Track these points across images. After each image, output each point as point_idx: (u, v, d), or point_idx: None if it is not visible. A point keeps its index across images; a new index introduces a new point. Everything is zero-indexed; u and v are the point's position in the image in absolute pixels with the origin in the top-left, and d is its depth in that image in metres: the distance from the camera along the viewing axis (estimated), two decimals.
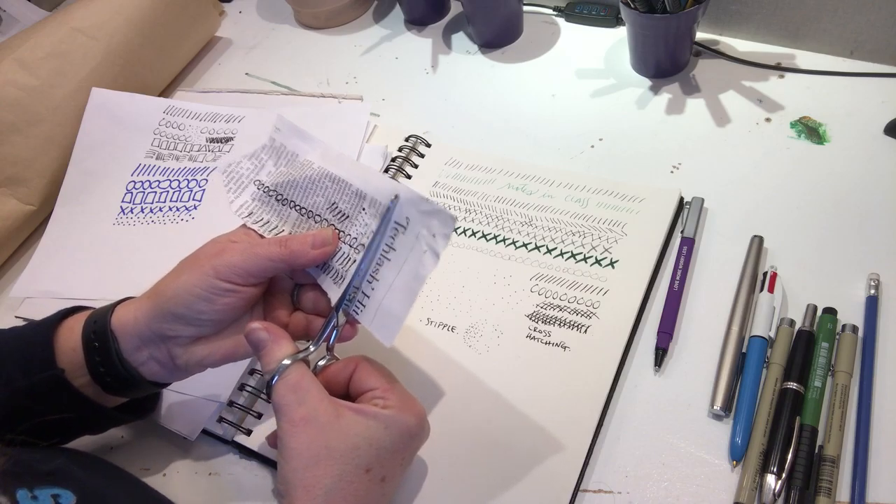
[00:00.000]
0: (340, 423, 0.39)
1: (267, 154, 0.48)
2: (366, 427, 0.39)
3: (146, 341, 0.43)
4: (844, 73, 0.64)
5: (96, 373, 0.43)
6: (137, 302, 0.44)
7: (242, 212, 0.47)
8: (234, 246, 0.43)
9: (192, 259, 0.43)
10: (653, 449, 0.47)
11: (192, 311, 0.42)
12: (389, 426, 0.40)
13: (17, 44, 0.67)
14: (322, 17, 0.82)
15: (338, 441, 0.38)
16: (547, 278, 0.55)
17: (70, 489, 0.37)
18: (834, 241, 0.54)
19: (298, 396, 0.39)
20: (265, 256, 0.42)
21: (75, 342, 0.43)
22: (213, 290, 0.41)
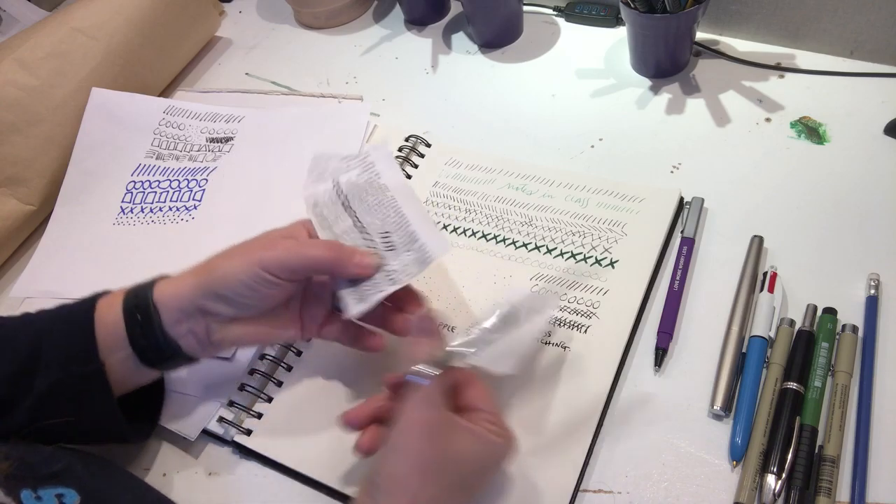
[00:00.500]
0: (455, 437, 0.40)
1: (356, 163, 0.50)
2: (475, 449, 0.40)
3: (187, 315, 0.44)
4: (844, 73, 0.64)
5: (137, 345, 0.44)
6: (181, 278, 0.45)
7: (309, 199, 0.49)
8: (284, 242, 0.45)
9: (244, 246, 0.45)
10: (653, 449, 0.47)
11: (235, 295, 0.44)
12: (494, 454, 0.41)
13: (17, 44, 0.67)
14: (322, 17, 0.82)
15: (450, 455, 0.39)
16: (547, 278, 0.55)
17: (74, 488, 0.37)
18: (834, 241, 0.54)
19: (433, 401, 0.40)
20: (311, 257, 0.45)
21: (115, 316, 0.44)
22: (257, 279, 0.43)
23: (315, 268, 0.46)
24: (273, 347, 0.54)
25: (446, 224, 0.60)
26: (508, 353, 0.43)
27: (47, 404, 0.43)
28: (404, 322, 0.48)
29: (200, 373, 0.54)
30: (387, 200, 0.48)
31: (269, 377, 0.53)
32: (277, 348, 0.54)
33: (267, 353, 0.54)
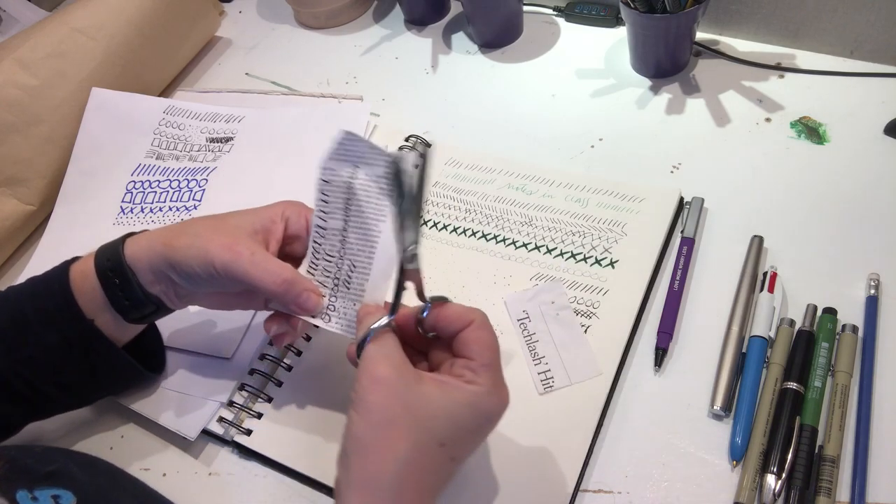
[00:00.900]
0: (422, 387, 0.37)
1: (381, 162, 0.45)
2: (448, 400, 0.37)
3: (158, 278, 0.45)
4: (844, 73, 0.64)
5: (120, 306, 0.45)
6: (149, 242, 0.45)
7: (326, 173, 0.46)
8: (240, 249, 0.43)
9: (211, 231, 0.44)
10: (653, 449, 0.47)
11: (192, 281, 0.44)
12: (472, 405, 0.37)
13: (17, 44, 0.67)
14: (322, 17, 0.82)
15: (417, 405, 0.36)
16: (547, 278, 0.55)
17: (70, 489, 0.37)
18: (834, 241, 0.54)
19: (384, 354, 0.38)
20: (259, 281, 0.43)
21: (92, 283, 0.45)
22: (211, 278, 0.44)
23: (260, 291, 0.44)
24: (273, 347, 0.54)
25: (446, 224, 0.60)
26: None
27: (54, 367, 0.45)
28: None
29: (200, 373, 0.54)
30: (373, 235, 0.45)
31: (269, 377, 0.53)
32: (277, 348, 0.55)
33: (267, 354, 0.54)
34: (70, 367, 0.46)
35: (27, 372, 0.45)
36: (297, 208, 0.47)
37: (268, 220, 0.46)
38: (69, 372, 0.46)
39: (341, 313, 0.45)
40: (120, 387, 0.52)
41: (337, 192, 0.45)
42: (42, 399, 0.47)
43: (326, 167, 0.45)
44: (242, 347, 0.55)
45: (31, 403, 0.47)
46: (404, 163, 0.40)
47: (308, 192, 0.64)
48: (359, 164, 0.45)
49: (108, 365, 0.48)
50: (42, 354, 0.45)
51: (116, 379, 0.50)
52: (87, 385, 0.48)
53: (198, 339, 0.55)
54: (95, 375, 0.48)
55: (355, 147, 0.44)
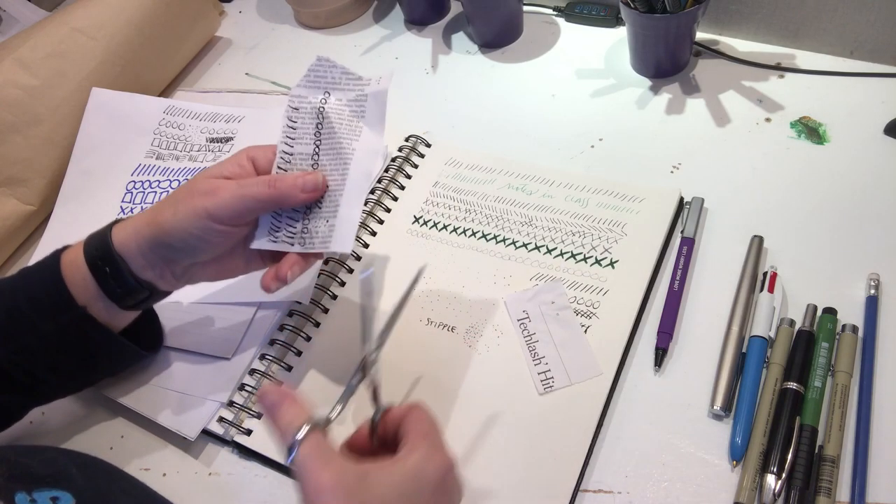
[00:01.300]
0: (368, 482, 0.36)
1: (353, 86, 0.47)
2: (392, 482, 0.36)
3: (149, 262, 0.45)
4: (844, 73, 0.64)
5: (113, 294, 0.45)
6: (135, 226, 0.46)
7: (294, 101, 0.47)
8: (226, 186, 0.44)
9: (187, 193, 0.45)
10: (653, 449, 0.47)
11: (189, 247, 0.45)
12: (417, 478, 0.37)
13: (17, 44, 0.67)
14: (322, 17, 0.82)
15: (368, 499, 0.35)
16: (547, 278, 0.55)
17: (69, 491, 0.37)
18: (834, 241, 0.54)
19: (323, 460, 0.36)
20: (254, 197, 0.44)
21: (83, 273, 0.45)
22: (207, 231, 0.44)
23: (260, 208, 0.45)
24: (273, 347, 0.54)
25: (446, 224, 0.60)
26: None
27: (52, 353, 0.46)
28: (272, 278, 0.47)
29: (200, 373, 0.54)
30: (346, 153, 0.47)
31: (269, 377, 0.53)
32: (277, 348, 0.54)
33: (267, 353, 0.54)
34: (67, 353, 0.46)
35: (25, 360, 0.45)
36: (261, 148, 0.48)
37: (235, 164, 0.46)
38: (66, 358, 0.47)
39: (314, 233, 0.46)
40: (119, 368, 0.53)
41: (306, 118, 0.47)
42: (41, 385, 0.47)
43: (295, 94, 0.46)
44: (242, 347, 0.55)
45: (31, 390, 0.47)
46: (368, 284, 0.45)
47: None
48: (332, 89, 0.46)
49: (104, 350, 0.48)
50: (38, 342, 0.45)
51: (114, 361, 0.51)
52: (85, 369, 0.49)
53: (198, 339, 0.55)
54: (93, 360, 0.48)
55: (328, 73, 0.46)
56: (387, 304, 0.46)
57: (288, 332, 0.55)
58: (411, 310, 0.55)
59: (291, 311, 0.56)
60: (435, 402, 0.50)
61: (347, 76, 0.46)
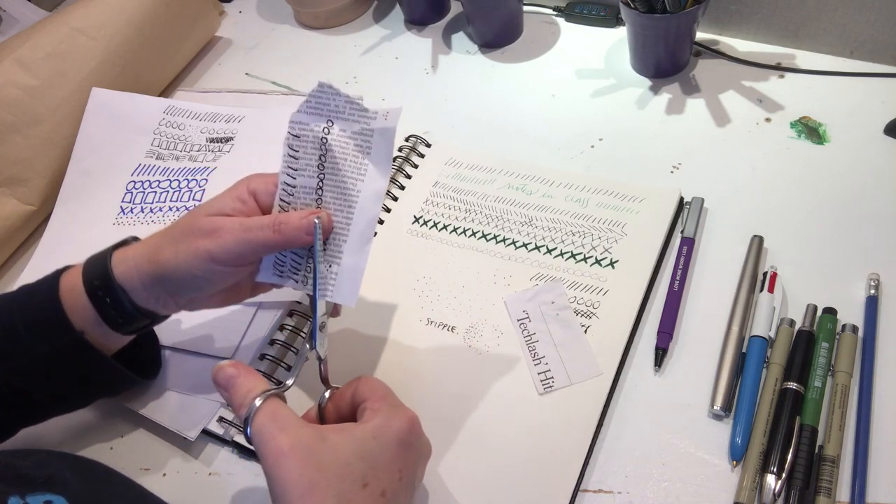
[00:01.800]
0: (327, 443, 0.37)
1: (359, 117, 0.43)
2: (353, 440, 0.38)
3: (152, 294, 0.44)
4: (844, 73, 0.64)
5: (112, 322, 0.45)
6: (135, 261, 0.44)
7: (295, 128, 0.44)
8: (228, 226, 0.42)
9: (188, 233, 0.43)
10: (653, 449, 0.47)
11: (192, 285, 0.44)
12: (378, 435, 0.38)
13: (17, 44, 0.67)
14: (322, 17, 0.82)
15: (329, 461, 0.37)
16: (547, 278, 0.55)
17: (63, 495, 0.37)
18: (834, 241, 0.54)
19: (279, 425, 0.38)
20: (259, 243, 0.42)
21: (82, 300, 0.44)
22: (210, 272, 0.43)
23: (265, 251, 0.44)
24: (273, 347, 0.54)
25: (446, 224, 0.60)
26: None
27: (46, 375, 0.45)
28: None
29: (200, 373, 0.54)
30: (351, 194, 0.43)
31: (269, 377, 0.53)
32: (277, 348, 0.54)
33: (267, 354, 0.54)
34: (61, 376, 0.46)
35: (18, 381, 0.45)
36: (262, 179, 0.46)
37: (236, 199, 0.45)
38: (61, 381, 0.46)
39: (318, 276, 0.44)
40: (114, 392, 0.52)
41: (308, 147, 0.44)
42: (35, 406, 0.47)
43: (296, 121, 0.44)
44: (242, 347, 0.55)
45: (24, 410, 0.47)
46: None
47: None
48: (335, 118, 0.43)
49: (99, 374, 0.47)
50: (33, 364, 0.44)
51: (109, 386, 0.50)
52: (79, 392, 0.48)
53: (198, 339, 0.55)
54: (87, 384, 0.47)
55: (331, 100, 0.42)
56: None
57: (288, 332, 0.55)
58: (411, 310, 0.55)
59: (291, 311, 0.56)
60: (435, 402, 0.50)
61: (352, 106, 0.43)
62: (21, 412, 0.47)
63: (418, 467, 0.41)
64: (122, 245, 0.47)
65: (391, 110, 0.42)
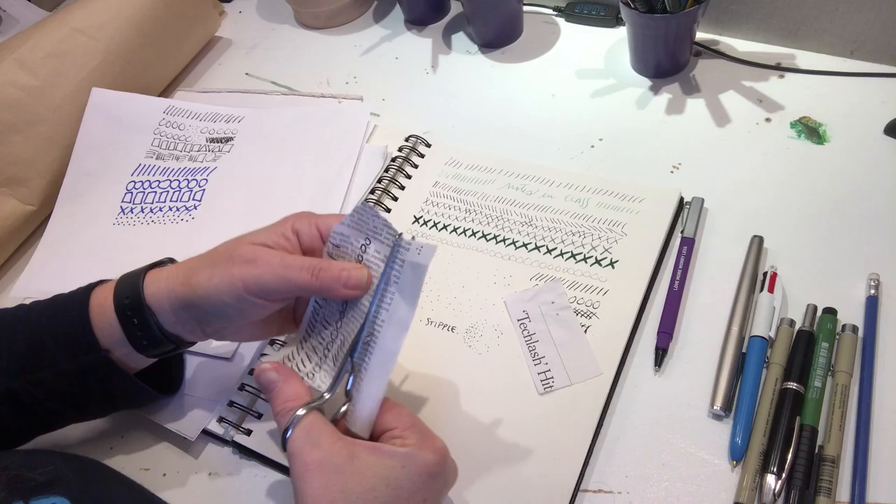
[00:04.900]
0: (356, 464, 0.37)
1: (395, 248, 0.42)
2: (382, 467, 0.37)
3: (180, 319, 0.44)
4: (844, 73, 0.64)
5: (138, 345, 0.44)
6: (168, 284, 0.44)
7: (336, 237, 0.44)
8: (267, 258, 0.42)
9: (227, 258, 0.43)
10: (653, 449, 0.47)
11: (222, 314, 0.43)
12: (407, 465, 0.38)
13: (17, 44, 0.67)
14: (322, 17, 0.82)
15: (354, 483, 0.36)
16: (547, 278, 0.55)
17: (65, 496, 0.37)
18: (834, 241, 0.54)
19: (312, 440, 0.38)
20: (295, 283, 0.41)
21: (109, 318, 0.44)
22: (242, 302, 0.42)
23: (300, 293, 0.43)
24: (273, 347, 0.54)
25: (446, 224, 0.60)
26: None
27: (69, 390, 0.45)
28: None
29: (200, 373, 0.54)
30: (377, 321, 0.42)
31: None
32: (278, 347, 0.54)
33: (267, 353, 0.54)
34: (84, 391, 0.46)
35: (41, 393, 0.45)
36: (307, 219, 0.45)
37: (279, 235, 0.44)
38: (82, 396, 0.46)
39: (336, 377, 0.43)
40: (134, 407, 0.52)
41: (345, 259, 0.44)
42: (54, 417, 0.47)
43: (338, 232, 0.44)
44: (242, 347, 0.55)
45: (43, 420, 0.47)
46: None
47: (307, 191, 0.64)
48: (372, 237, 0.43)
49: (121, 392, 0.47)
50: (56, 379, 0.44)
51: (129, 402, 0.50)
52: (100, 406, 0.48)
53: None
54: (109, 400, 0.47)
55: (370, 220, 0.42)
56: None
57: None
58: None
59: None
60: (435, 402, 0.50)
61: (388, 230, 0.42)
62: (41, 422, 0.47)
63: (442, 495, 0.41)
64: (157, 265, 0.46)
65: (425, 246, 0.40)
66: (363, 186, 0.63)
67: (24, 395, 0.44)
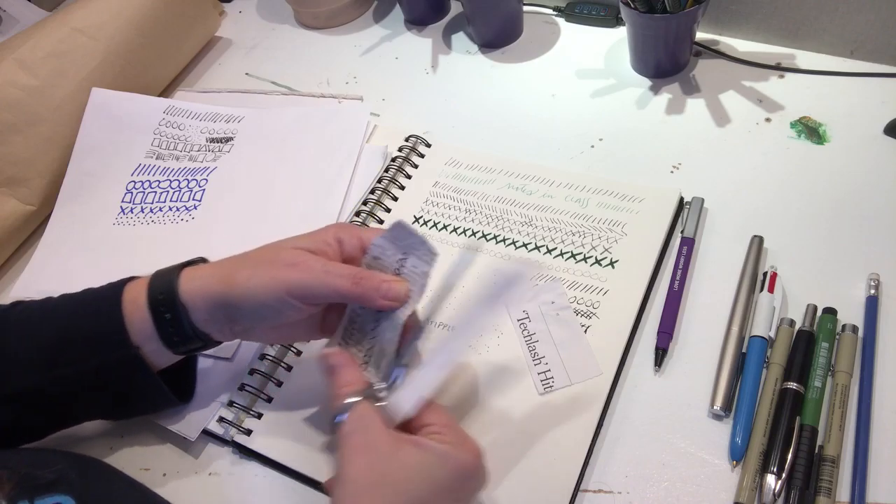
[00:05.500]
0: (399, 454, 0.38)
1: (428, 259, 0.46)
2: (423, 460, 0.38)
3: (213, 317, 0.45)
4: (844, 73, 0.64)
5: (169, 340, 0.45)
6: (204, 280, 0.45)
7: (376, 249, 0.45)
8: (310, 263, 0.43)
9: (269, 260, 0.44)
10: (653, 449, 0.47)
11: (258, 314, 0.44)
12: (445, 463, 0.38)
13: (17, 44, 0.67)
14: (322, 17, 0.82)
15: (394, 470, 0.37)
16: (547, 278, 0.55)
17: (70, 494, 0.37)
18: (834, 241, 0.54)
19: (362, 426, 0.39)
20: (336, 289, 0.43)
21: (142, 314, 0.44)
22: (281, 303, 0.43)
23: (339, 298, 0.44)
24: (273, 347, 0.54)
25: (446, 224, 0.60)
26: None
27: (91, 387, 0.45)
28: None
29: (201, 373, 0.54)
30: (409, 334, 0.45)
31: (269, 377, 0.53)
32: (277, 348, 0.54)
33: (267, 353, 0.54)
34: (105, 390, 0.46)
35: (62, 389, 0.45)
36: (350, 230, 0.46)
37: (322, 241, 0.45)
38: (103, 394, 0.46)
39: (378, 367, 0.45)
40: (148, 411, 0.52)
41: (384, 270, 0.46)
42: (71, 414, 0.48)
43: (378, 244, 0.45)
44: (242, 347, 0.55)
45: (60, 416, 0.48)
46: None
47: (307, 191, 0.64)
48: (410, 253, 0.45)
49: (142, 392, 0.47)
50: (79, 375, 0.45)
51: (147, 405, 0.50)
52: (117, 407, 0.49)
53: None
54: (127, 400, 0.48)
55: (406, 236, 0.45)
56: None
57: None
58: None
59: None
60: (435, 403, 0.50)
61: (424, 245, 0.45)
62: (57, 418, 0.48)
63: (473, 497, 0.42)
64: (191, 264, 0.46)
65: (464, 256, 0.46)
66: (363, 186, 0.63)
67: (46, 391, 0.45)
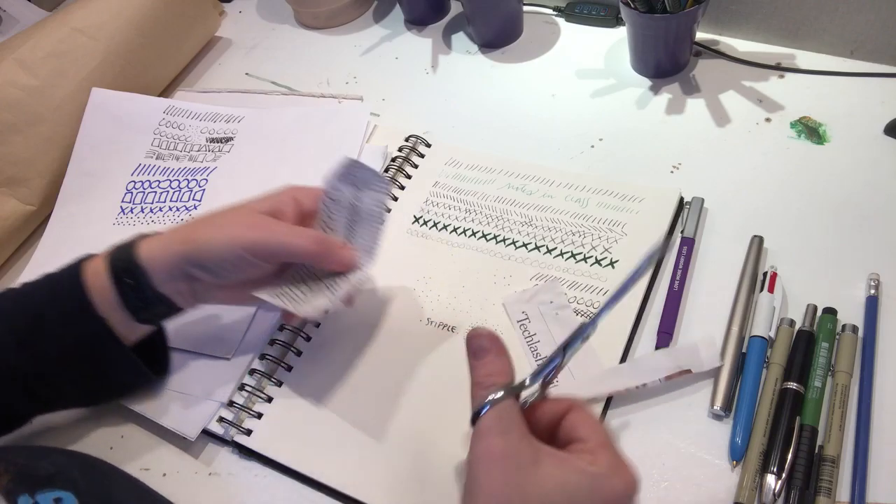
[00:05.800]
0: (539, 469, 0.34)
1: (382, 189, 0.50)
2: (566, 481, 0.34)
3: (173, 277, 0.46)
4: (844, 73, 0.64)
5: (132, 305, 0.46)
6: (165, 240, 0.46)
7: (333, 192, 0.49)
8: (271, 224, 0.46)
9: (231, 217, 0.47)
10: (653, 449, 0.47)
11: (218, 268, 0.46)
12: (594, 489, 0.34)
13: (17, 44, 0.67)
14: (322, 17, 0.82)
15: (532, 487, 0.33)
16: (547, 278, 0.55)
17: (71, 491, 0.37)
18: (834, 241, 0.54)
19: (502, 426, 0.35)
20: (295, 247, 0.45)
21: (104, 282, 0.46)
22: (238, 260, 0.45)
23: (297, 258, 0.47)
24: (273, 347, 0.54)
25: (446, 224, 0.60)
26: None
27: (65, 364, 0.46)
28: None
29: (200, 373, 0.54)
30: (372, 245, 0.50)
31: (269, 377, 0.53)
32: (277, 348, 0.54)
33: (267, 353, 0.54)
34: (81, 366, 0.47)
35: (41, 367, 0.46)
36: (305, 190, 0.49)
37: (280, 202, 0.48)
38: (79, 371, 0.47)
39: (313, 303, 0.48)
40: (126, 389, 0.52)
41: (341, 210, 0.49)
42: (52, 394, 0.48)
43: (333, 188, 0.49)
44: (242, 347, 0.55)
45: (42, 398, 0.48)
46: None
47: None
48: (361, 186, 0.49)
49: (116, 364, 0.48)
50: (56, 351, 0.46)
51: (123, 379, 0.50)
52: (95, 382, 0.49)
53: (198, 339, 0.55)
54: (105, 374, 0.48)
55: (358, 172, 0.49)
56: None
57: (288, 333, 0.55)
58: (411, 309, 0.55)
59: None
60: (435, 403, 0.50)
61: (377, 178, 0.50)
62: (40, 400, 0.48)
63: None
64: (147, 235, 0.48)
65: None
66: None
67: (26, 368, 0.45)
